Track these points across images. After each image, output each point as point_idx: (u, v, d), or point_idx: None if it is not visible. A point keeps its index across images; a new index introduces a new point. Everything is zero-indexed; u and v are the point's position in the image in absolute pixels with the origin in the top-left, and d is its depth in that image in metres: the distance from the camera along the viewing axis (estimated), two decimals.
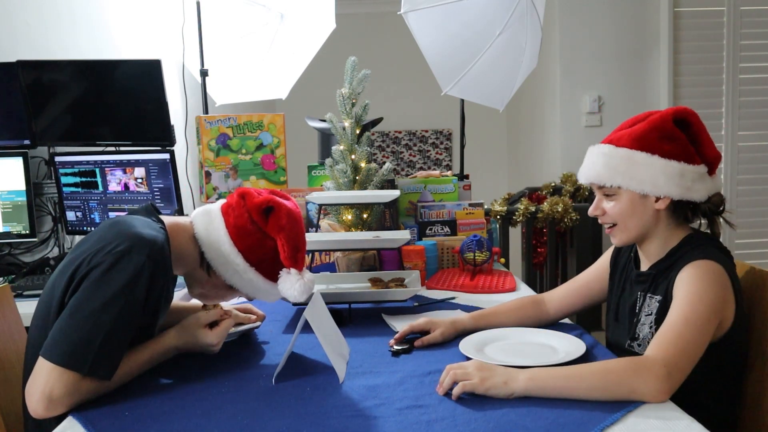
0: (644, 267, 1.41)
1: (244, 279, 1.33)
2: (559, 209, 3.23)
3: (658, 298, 1.33)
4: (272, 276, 1.34)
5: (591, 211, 1.40)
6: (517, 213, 3.26)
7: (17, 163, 2.24)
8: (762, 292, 1.38)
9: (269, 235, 1.32)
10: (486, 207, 2.84)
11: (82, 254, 1.20)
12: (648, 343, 1.32)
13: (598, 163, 1.35)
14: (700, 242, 1.33)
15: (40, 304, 1.27)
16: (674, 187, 1.29)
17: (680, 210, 1.35)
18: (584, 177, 1.39)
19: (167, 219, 1.35)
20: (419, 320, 1.48)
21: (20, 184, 2.25)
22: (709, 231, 1.38)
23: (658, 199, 1.32)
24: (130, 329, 1.19)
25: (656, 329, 1.31)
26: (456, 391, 1.13)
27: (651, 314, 1.33)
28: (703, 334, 1.19)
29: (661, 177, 1.29)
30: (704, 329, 1.19)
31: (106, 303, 1.15)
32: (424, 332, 1.46)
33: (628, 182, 1.31)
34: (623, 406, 1.08)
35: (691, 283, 1.24)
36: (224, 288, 1.37)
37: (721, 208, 1.36)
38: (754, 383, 1.35)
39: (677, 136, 1.31)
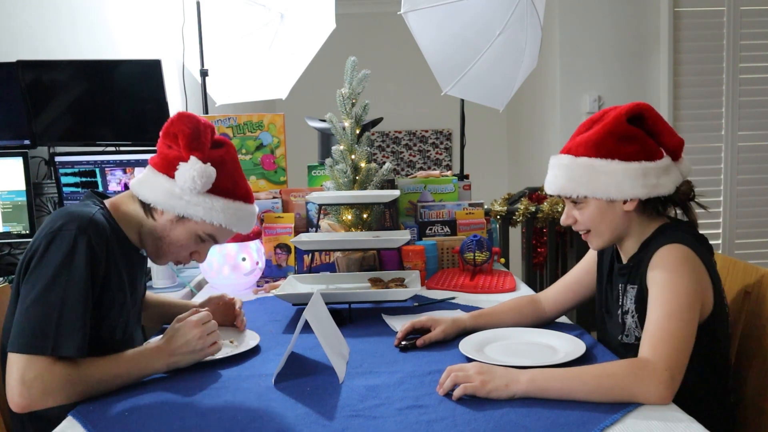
0: (624, 260, 1.42)
1: (184, 199, 1.30)
2: (559, 209, 3.23)
3: (636, 287, 1.34)
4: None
5: (563, 221, 1.41)
6: (517, 213, 3.26)
7: (17, 163, 2.24)
8: (758, 289, 1.38)
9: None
10: (486, 207, 2.84)
11: (29, 246, 1.25)
12: (634, 333, 1.34)
13: (561, 176, 1.35)
14: (671, 231, 1.33)
15: (9, 305, 1.29)
16: (639, 187, 1.29)
17: (650, 206, 1.35)
18: (549, 189, 1.39)
19: (109, 198, 1.39)
20: (420, 318, 1.48)
21: (20, 184, 2.25)
22: (686, 219, 1.38)
23: (625, 201, 1.32)
24: (83, 303, 1.20)
25: (638, 318, 1.32)
26: (457, 393, 1.13)
27: (631, 303, 1.35)
28: (690, 325, 1.18)
29: (625, 181, 1.28)
30: (690, 320, 1.19)
31: (49, 283, 1.17)
32: (425, 330, 1.46)
33: (593, 191, 1.31)
34: (623, 406, 1.08)
35: (663, 272, 1.23)
36: (182, 232, 1.34)
37: (692, 195, 1.36)
38: (752, 382, 1.36)
39: (634, 134, 1.30)
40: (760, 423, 1.32)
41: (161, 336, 1.31)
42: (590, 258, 1.57)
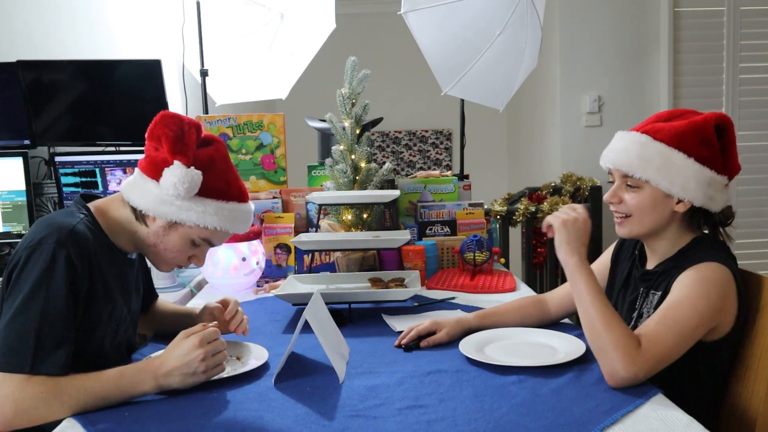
0: (650, 265, 1.41)
1: (175, 204, 1.26)
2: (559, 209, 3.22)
3: (659, 294, 1.33)
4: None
5: (607, 197, 1.37)
6: (517, 213, 3.26)
7: (17, 163, 2.24)
8: (748, 294, 1.38)
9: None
10: (486, 207, 2.84)
11: (11, 258, 1.21)
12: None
13: (632, 151, 1.31)
14: (711, 245, 1.33)
15: None
16: (700, 194, 1.28)
17: (695, 216, 1.35)
18: (612, 161, 1.35)
19: (97, 201, 1.34)
20: (424, 323, 1.46)
21: (20, 184, 2.25)
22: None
23: (680, 201, 1.31)
24: (64, 319, 1.16)
25: None
26: (545, 221, 1.32)
27: (650, 309, 1.34)
28: (686, 342, 1.20)
29: (692, 181, 1.28)
30: (688, 336, 1.20)
31: (27, 299, 1.14)
32: (429, 333, 1.45)
33: (659, 179, 1.29)
34: (623, 405, 1.08)
35: (689, 287, 1.23)
36: (176, 237, 1.31)
37: (730, 221, 1.36)
38: (738, 385, 1.36)
39: (714, 143, 1.30)
40: (745, 427, 1.32)
41: (158, 353, 1.24)
42: (603, 264, 1.56)
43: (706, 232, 1.39)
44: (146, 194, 1.28)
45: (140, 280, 1.50)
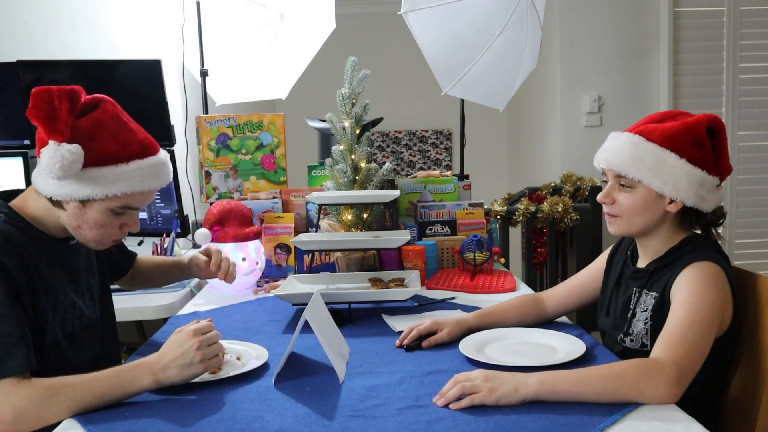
0: (642, 263, 1.42)
1: (75, 184, 1.21)
2: (559, 209, 3.23)
3: (655, 294, 1.34)
4: (91, 160, 1.21)
5: (601, 197, 1.38)
6: (517, 213, 3.26)
7: (17, 163, 2.24)
8: (746, 293, 1.38)
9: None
10: (486, 207, 2.84)
11: None
12: (641, 339, 1.34)
13: (625, 151, 1.32)
14: (701, 244, 1.34)
15: None
16: (692, 194, 1.30)
17: (687, 216, 1.36)
18: (605, 161, 1.36)
19: (16, 198, 1.31)
20: (425, 323, 1.46)
21: (20, 184, 2.24)
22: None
23: (672, 201, 1.32)
24: (14, 316, 1.14)
25: (651, 326, 1.32)
26: (464, 403, 1.10)
27: (646, 310, 1.34)
28: (707, 335, 1.20)
29: (684, 182, 1.29)
30: (708, 331, 1.20)
31: None
32: (430, 333, 1.46)
33: (652, 179, 1.30)
34: (623, 406, 1.08)
35: (692, 285, 1.24)
36: (94, 213, 1.25)
37: (721, 221, 1.38)
38: (737, 383, 1.36)
39: (706, 144, 1.31)
40: (744, 426, 1.32)
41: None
42: (599, 264, 1.57)
43: (697, 232, 1.40)
44: (47, 180, 1.23)
45: (97, 255, 1.46)
